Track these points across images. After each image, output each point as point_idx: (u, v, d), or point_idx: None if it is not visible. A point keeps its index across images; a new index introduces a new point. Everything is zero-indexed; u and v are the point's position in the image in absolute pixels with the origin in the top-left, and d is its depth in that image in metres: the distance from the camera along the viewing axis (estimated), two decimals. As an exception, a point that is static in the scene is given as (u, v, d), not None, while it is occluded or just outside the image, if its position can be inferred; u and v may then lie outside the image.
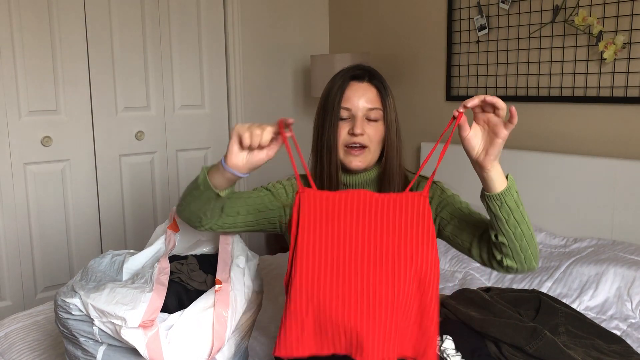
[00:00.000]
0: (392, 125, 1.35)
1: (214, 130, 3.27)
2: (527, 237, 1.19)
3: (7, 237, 2.69)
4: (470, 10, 2.82)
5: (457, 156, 2.86)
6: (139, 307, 1.10)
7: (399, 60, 3.21)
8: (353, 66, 1.38)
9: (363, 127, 1.31)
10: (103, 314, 1.11)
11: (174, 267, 1.30)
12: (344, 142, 1.32)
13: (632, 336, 1.73)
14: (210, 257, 1.36)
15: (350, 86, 1.33)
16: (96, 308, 1.11)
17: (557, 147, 2.57)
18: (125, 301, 1.11)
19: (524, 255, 1.20)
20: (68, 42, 2.73)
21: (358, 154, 1.32)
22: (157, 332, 1.09)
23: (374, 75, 1.37)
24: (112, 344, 1.14)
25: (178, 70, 3.09)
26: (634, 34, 2.28)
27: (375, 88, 1.35)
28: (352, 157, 1.32)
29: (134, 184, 3.03)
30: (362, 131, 1.31)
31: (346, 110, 1.32)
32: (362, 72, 1.35)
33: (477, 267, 2.27)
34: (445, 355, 1.51)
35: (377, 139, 1.33)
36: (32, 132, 2.69)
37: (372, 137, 1.32)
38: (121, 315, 1.09)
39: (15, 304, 2.74)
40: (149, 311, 1.10)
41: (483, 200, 1.20)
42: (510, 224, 1.16)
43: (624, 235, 2.29)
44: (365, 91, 1.33)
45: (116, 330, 1.10)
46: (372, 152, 1.33)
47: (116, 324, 1.10)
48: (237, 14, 3.24)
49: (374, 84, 1.35)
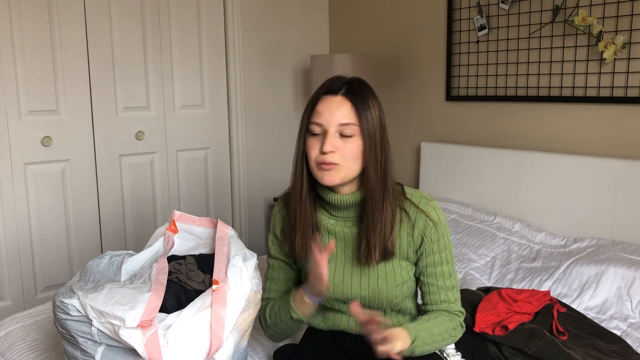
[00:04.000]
0: (372, 140, 1.27)
1: (214, 130, 3.27)
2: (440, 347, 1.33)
3: (7, 237, 2.69)
4: (470, 10, 2.82)
5: (457, 156, 2.86)
6: (137, 308, 1.10)
7: (399, 60, 3.21)
8: (332, 78, 1.32)
9: (334, 143, 1.25)
10: (101, 315, 1.11)
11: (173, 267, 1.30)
12: (315, 159, 1.28)
13: (632, 336, 1.73)
14: (209, 257, 1.36)
15: (322, 100, 1.28)
16: (94, 308, 1.11)
17: (557, 147, 2.57)
18: (124, 301, 1.11)
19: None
20: (68, 42, 2.73)
21: (328, 168, 1.26)
22: (156, 332, 1.09)
23: (353, 87, 1.29)
24: (110, 344, 1.14)
25: (178, 70, 3.09)
26: (633, 34, 2.28)
27: (349, 101, 1.27)
28: (323, 172, 1.27)
29: (134, 184, 3.03)
30: (332, 148, 1.25)
31: (317, 125, 1.27)
32: (337, 85, 1.29)
33: (477, 267, 2.27)
34: (445, 355, 1.51)
35: (350, 156, 1.26)
36: (32, 132, 2.69)
37: (345, 154, 1.26)
38: (119, 316, 1.09)
39: (15, 304, 2.74)
40: (147, 311, 1.10)
41: None
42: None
43: (624, 235, 2.29)
44: (339, 105, 1.26)
45: (114, 330, 1.10)
46: (345, 169, 1.27)
47: (114, 324, 1.10)
48: (237, 14, 3.24)
49: (348, 98, 1.27)
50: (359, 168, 1.29)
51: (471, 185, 2.80)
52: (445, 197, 2.89)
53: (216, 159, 3.31)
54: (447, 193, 2.89)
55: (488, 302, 1.69)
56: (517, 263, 2.24)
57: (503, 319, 1.62)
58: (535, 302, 1.71)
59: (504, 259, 2.30)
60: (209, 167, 3.29)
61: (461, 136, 2.95)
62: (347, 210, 1.34)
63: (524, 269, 2.19)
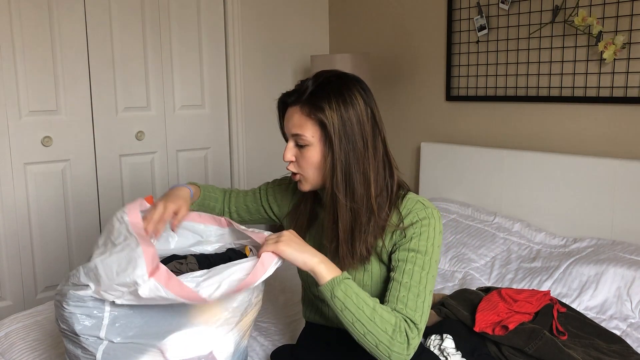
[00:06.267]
0: (330, 148, 1.19)
1: (214, 130, 3.27)
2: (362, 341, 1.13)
3: (7, 237, 2.69)
4: (470, 10, 2.82)
5: (457, 156, 2.86)
6: (139, 264, 1.08)
7: (399, 60, 3.21)
8: (297, 84, 1.27)
9: (292, 153, 1.25)
10: (116, 289, 1.10)
11: (174, 266, 1.30)
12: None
13: (631, 336, 1.73)
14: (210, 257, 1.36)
15: (286, 110, 1.27)
16: (109, 288, 1.10)
17: (557, 147, 2.57)
18: (122, 267, 1.09)
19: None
20: (68, 42, 2.73)
21: (294, 178, 1.29)
22: (165, 270, 1.09)
23: (310, 92, 1.21)
24: (126, 320, 1.14)
25: (178, 70, 3.10)
26: (633, 34, 2.28)
27: (299, 111, 1.21)
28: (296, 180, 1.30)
29: (134, 184, 3.03)
30: (290, 158, 1.25)
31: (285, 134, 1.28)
32: (293, 94, 1.24)
33: (477, 267, 2.27)
34: (445, 354, 1.52)
35: (308, 165, 1.23)
36: (32, 132, 2.69)
37: (302, 164, 1.24)
38: (130, 282, 1.08)
39: (15, 304, 2.74)
40: (149, 261, 1.08)
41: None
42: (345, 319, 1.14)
43: (624, 235, 2.29)
44: (291, 115, 1.23)
45: (136, 295, 1.08)
46: (308, 178, 1.26)
47: (132, 291, 1.08)
48: (237, 14, 3.24)
49: (299, 106, 1.22)
50: (322, 176, 1.25)
51: (471, 185, 2.80)
52: (445, 197, 2.89)
53: (216, 159, 3.31)
54: (447, 193, 2.90)
55: (488, 302, 1.69)
56: (517, 263, 2.24)
57: (503, 318, 1.62)
58: (535, 302, 1.71)
59: (503, 259, 2.30)
60: (209, 167, 3.29)
61: (461, 136, 2.95)
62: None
63: (523, 269, 2.19)
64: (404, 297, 1.17)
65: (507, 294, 1.72)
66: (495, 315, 1.63)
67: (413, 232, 1.22)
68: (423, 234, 1.22)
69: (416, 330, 1.15)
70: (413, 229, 1.22)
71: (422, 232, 1.22)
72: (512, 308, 1.67)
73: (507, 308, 1.67)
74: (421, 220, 1.22)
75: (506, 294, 1.72)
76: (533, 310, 1.69)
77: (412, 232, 1.22)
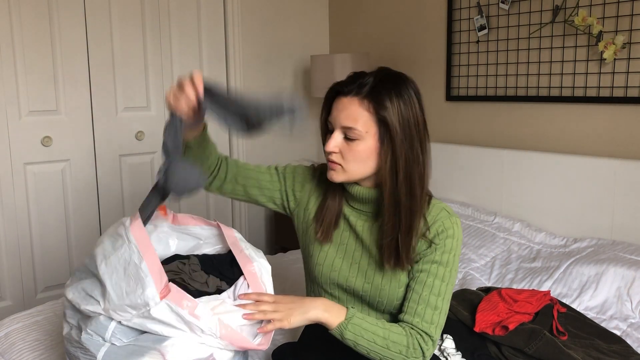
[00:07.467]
0: (388, 145, 1.19)
1: (213, 131, 3.26)
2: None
3: (7, 237, 2.69)
4: (470, 10, 2.82)
5: (457, 156, 2.86)
6: (148, 283, 1.05)
7: (399, 60, 3.21)
8: (350, 74, 1.24)
9: (337, 144, 1.22)
10: (126, 312, 1.09)
11: (176, 266, 1.29)
12: (325, 155, 1.26)
13: (632, 336, 1.73)
14: (212, 258, 1.35)
15: (335, 100, 1.23)
16: (117, 309, 1.08)
17: (557, 147, 2.57)
18: (131, 287, 1.06)
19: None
20: (68, 42, 2.73)
21: (332, 167, 1.25)
22: (177, 288, 1.07)
23: (371, 86, 1.19)
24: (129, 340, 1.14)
25: (178, 70, 3.09)
26: (633, 34, 2.28)
27: (358, 104, 1.19)
28: (329, 169, 1.26)
29: (134, 184, 3.03)
30: (334, 149, 1.22)
31: (329, 123, 1.25)
32: (350, 84, 1.21)
33: (477, 267, 2.27)
34: (445, 354, 1.52)
35: (354, 158, 1.21)
36: (32, 132, 2.69)
37: (347, 156, 1.21)
38: (141, 303, 1.05)
39: (15, 304, 2.74)
40: (157, 279, 1.05)
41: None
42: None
43: (624, 235, 2.29)
44: (346, 106, 1.20)
45: (145, 319, 1.06)
46: (348, 170, 1.23)
47: (142, 313, 1.06)
48: (237, 14, 3.24)
49: (359, 99, 1.19)
50: (369, 168, 1.23)
51: (471, 185, 2.80)
52: (445, 197, 2.89)
53: (216, 159, 3.30)
54: (447, 193, 2.90)
55: (488, 302, 1.69)
56: (517, 263, 2.24)
57: (503, 319, 1.62)
58: (536, 302, 1.71)
59: (503, 259, 2.30)
60: (209, 167, 3.29)
61: (461, 136, 2.95)
62: (362, 203, 1.31)
63: (524, 269, 2.19)
64: (421, 311, 1.22)
65: (507, 294, 1.72)
66: (495, 316, 1.63)
67: (438, 244, 1.24)
68: (447, 245, 1.24)
69: (430, 342, 1.22)
70: (438, 239, 1.24)
71: (447, 243, 1.24)
72: (512, 308, 1.67)
73: (507, 308, 1.67)
74: (446, 230, 1.24)
75: (506, 294, 1.72)
76: (533, 311, 1.69)
77: (437, 244, 1.24)
